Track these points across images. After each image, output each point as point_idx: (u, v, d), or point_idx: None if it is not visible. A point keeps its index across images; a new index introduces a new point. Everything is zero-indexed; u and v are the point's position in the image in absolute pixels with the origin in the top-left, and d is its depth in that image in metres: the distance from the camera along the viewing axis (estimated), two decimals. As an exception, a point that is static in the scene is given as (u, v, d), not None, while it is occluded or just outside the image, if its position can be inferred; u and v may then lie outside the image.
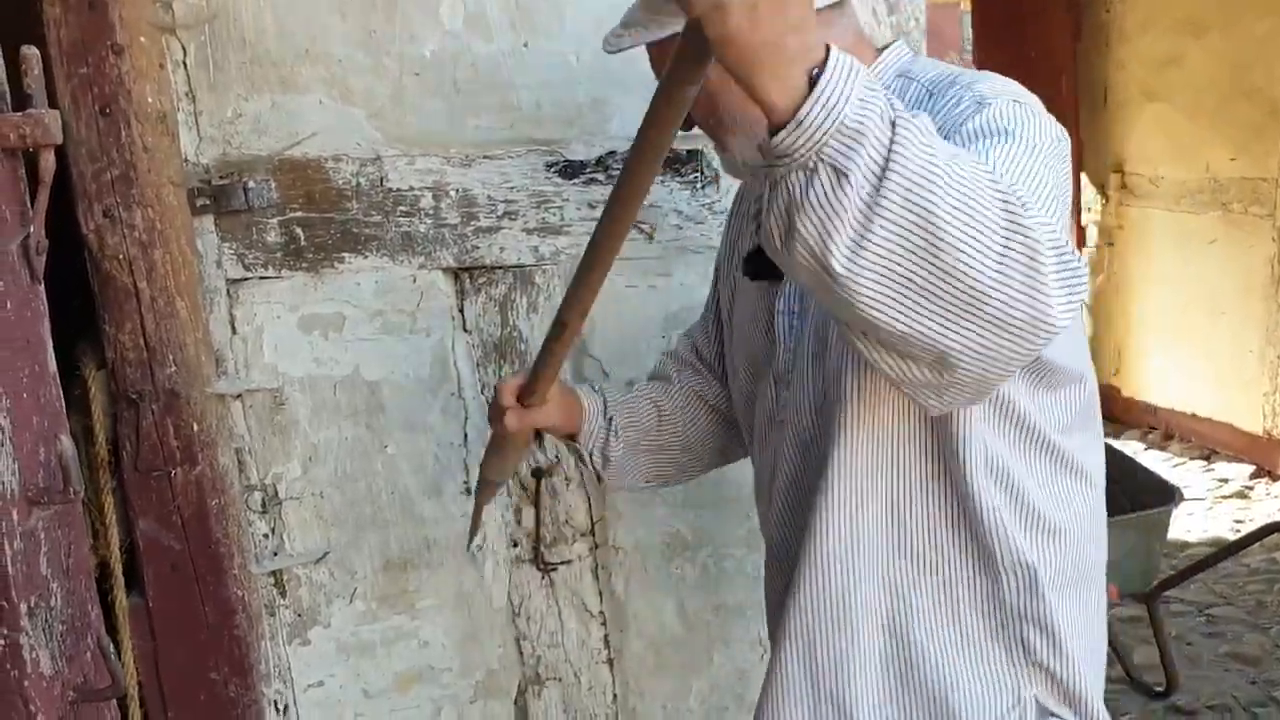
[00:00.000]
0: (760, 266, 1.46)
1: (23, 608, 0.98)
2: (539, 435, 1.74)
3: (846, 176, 0.91)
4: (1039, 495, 1.31)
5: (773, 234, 0.98)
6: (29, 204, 1.07)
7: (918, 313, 0.96)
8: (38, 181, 1.04)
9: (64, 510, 1.08)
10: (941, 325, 0.97)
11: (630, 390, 1.74)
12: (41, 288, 1.08)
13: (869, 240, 0.92)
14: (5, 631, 0.97)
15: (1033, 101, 1.21)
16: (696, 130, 1.47)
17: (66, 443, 1.05)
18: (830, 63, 0.92)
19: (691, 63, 0.98)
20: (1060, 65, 5.68)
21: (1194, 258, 5.33)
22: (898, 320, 0.97)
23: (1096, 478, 1.39)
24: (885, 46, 1.36)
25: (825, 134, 0.91)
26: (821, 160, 0.91)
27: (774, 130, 0.93)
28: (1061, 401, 1.32)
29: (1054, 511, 1.32)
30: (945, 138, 1.14)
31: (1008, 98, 1.18)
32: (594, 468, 1.70)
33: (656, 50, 1.35)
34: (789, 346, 1.40)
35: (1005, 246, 0.94)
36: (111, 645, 1.09)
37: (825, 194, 0.92)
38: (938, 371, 1.03)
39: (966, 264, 0.93)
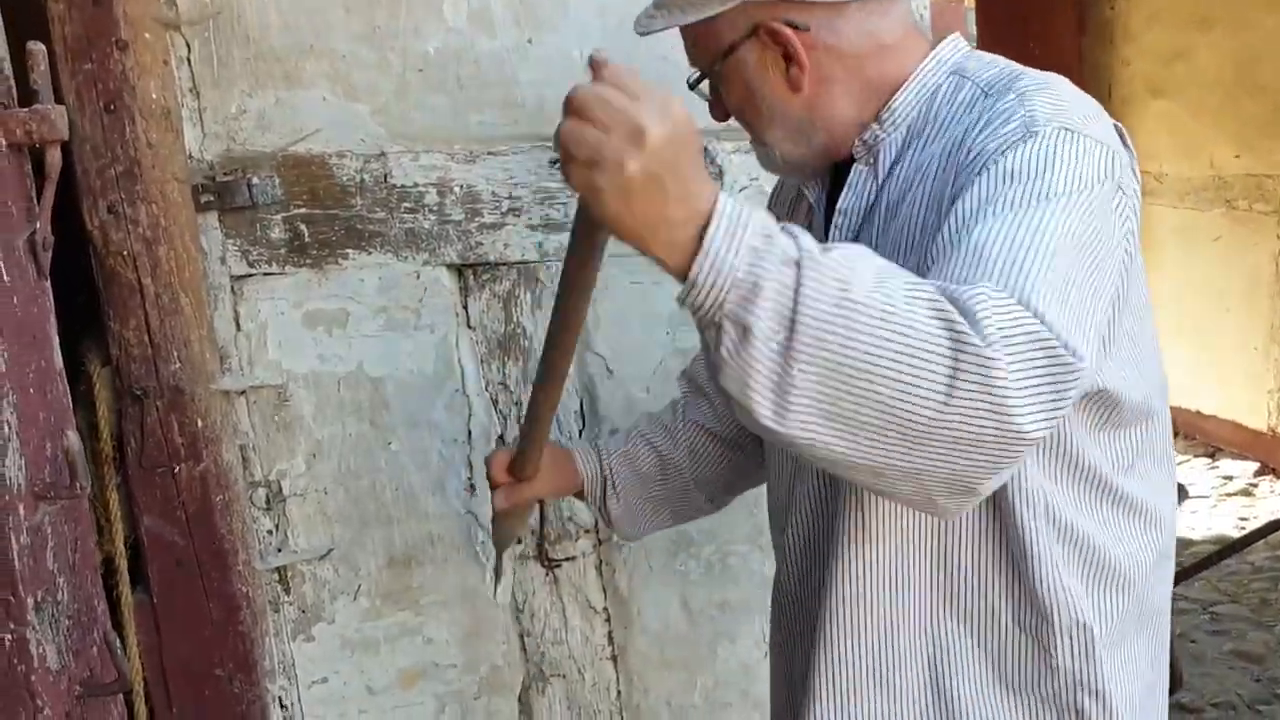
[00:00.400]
0: None
1: (29, 602, 0.98)
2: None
3: (749, 331, 0.88)
4: (1102, 541, 1.24)
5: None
6: (35, 200, 1.07)
7: (872, 446, 0.93)
8: (44, 177, 1.04)
9: (70, 505, 1.09)
10: (901, 452, 0.93)
11: (631, 438, 1.68)
12: (48, 283, 1.08)
13: (791, 389, 0.90)
14: (13, 626, 0.97)
15: (1086, 124, 1.13)
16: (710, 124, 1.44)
17: (73, 438, 1.05)
18: (714, 219, 0.90)
19: (593, 225, 0.99)
20: (1065, 62, 5.66)
21: (1198, 255, 5.33)
22: (851, 455, 0.93)
23: (1166, 518, 1.32)
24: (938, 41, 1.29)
25: (721, 292, 0.89)
26: (726, 317, 0.89)
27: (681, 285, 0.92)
28: (1126, 439, 1.25)
29: (1117, 559, 1.25)
30: (983, 163, 1.09)
31: (1057, 125, 1.10)
32: (603, 523, 1.69)
33: (692, 33, 1.28)
34: None
35: (953, 370, 0.90)
36: (118, 640, 1.09)
37: (733, 351, 0.90)
38: (916, 493, 0.99)
39: (908, 395, 0.90)
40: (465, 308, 1.95)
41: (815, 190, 1.37)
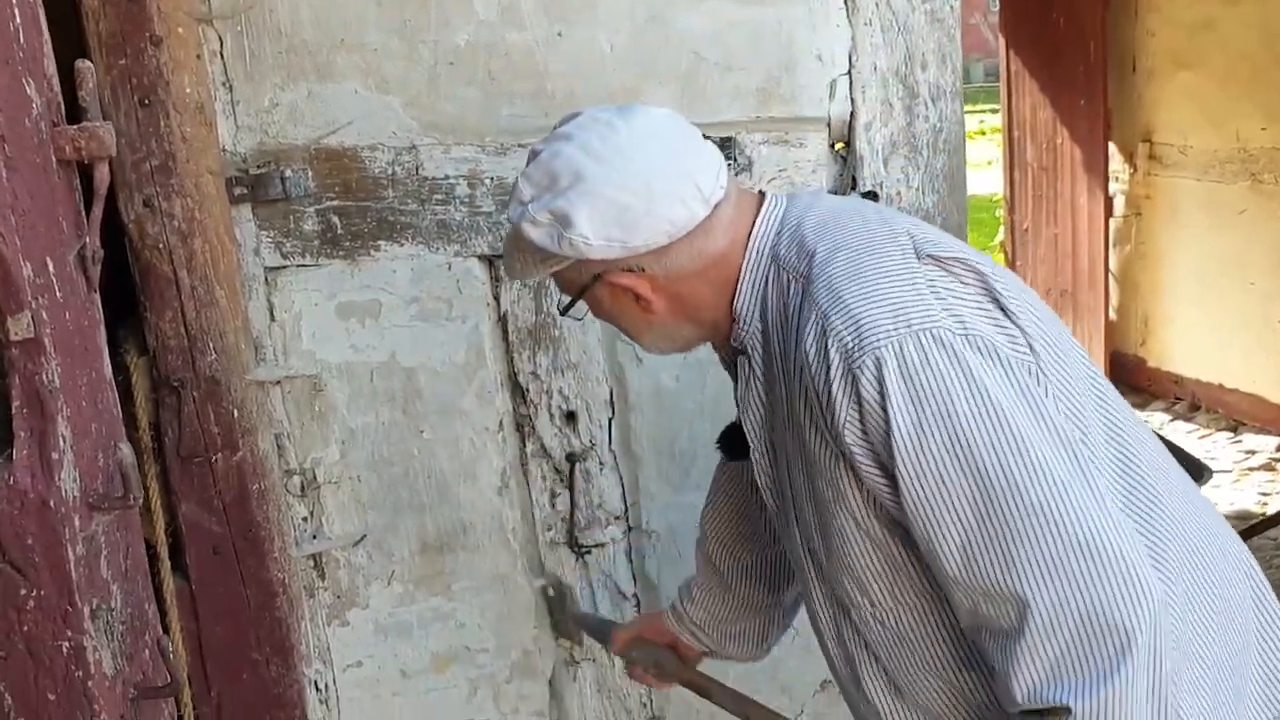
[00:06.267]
0: (733, 445, 1.52)
1: (85, 611, 1.01)
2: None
3: None
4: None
5: None
6: (84, 214, 1.09)
7: None
8: (92, 193, 1.06)
9: (123, 514, 1.11)
10: None
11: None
12: (97, 296, 1.10)
13: None
14: (70, 634, 0.99)
15: (902, 312, 1.16)
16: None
17: (125, 450, 1.07)
18: None
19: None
20: (1089, 32, 5.59)
21: (1223, 228, 5.28)
22: None
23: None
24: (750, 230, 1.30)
25: None
26: None
27: None
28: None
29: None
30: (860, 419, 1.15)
31: (893, 345, 1.14)
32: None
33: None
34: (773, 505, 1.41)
35: None
36: (169, 644, 1.12)
37: None
38: None
39: None
40: (496, 298, 1.96)
41: None
